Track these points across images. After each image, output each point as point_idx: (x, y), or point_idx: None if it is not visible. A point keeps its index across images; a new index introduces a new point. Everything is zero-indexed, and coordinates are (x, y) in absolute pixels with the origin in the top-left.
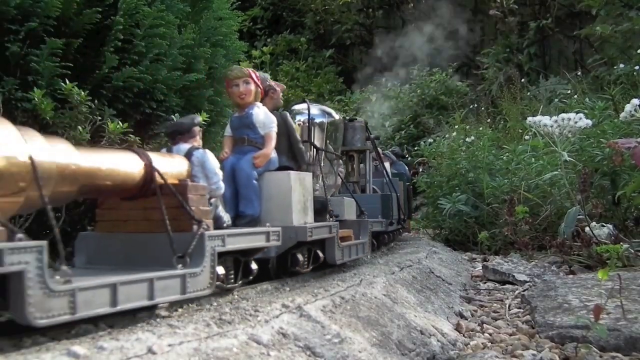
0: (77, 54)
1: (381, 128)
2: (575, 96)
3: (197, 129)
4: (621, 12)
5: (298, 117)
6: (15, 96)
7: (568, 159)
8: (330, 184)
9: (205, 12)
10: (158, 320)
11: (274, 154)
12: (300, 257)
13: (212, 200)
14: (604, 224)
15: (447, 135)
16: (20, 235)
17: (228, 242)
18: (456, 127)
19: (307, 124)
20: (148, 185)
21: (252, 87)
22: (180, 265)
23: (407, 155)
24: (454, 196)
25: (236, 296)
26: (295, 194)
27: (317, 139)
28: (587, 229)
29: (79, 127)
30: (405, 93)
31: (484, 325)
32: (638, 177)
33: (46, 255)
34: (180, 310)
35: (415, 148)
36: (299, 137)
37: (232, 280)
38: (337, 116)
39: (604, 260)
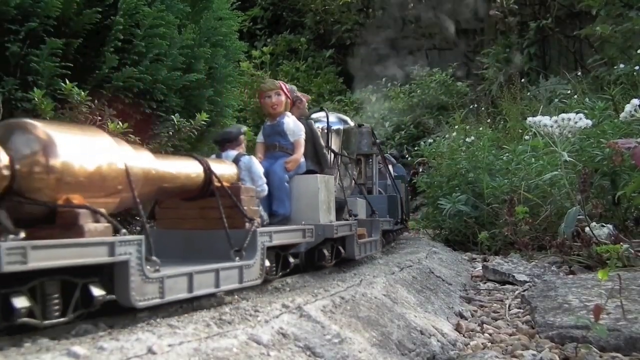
0: (77, 54)
1: (381, 128)
2: (575, 96)
3: (242, 137)
4: (621, 12)
5: (317, 125)
6: (15, 96)
7: (568, 159)
8: (346, 186)
9: (205, 12)
10: (158, 320)
11: (302, 159)
12: (326, 252)
13: (256, 201)
14: (604, 224)
15: (447, 136)
16: (124, 230)
17: (274, 238)
18: (456, 127)
19: (326, 131)
20: (207, 188)
21: (283, 98)
22: (237, 258)
23: (407, 156)
24: (454, 196)
25: (236, 296)
26: (322, 195)
27: (334, 145)
28: (587, 229)
29: None
30: (405, 93)
31: (484, 325)
32: (638, 177)
33: (144, 247)
34: (180, 310)
35: (415, 148)
36: (322, 143)
37: (274, 272)
38: (351, 123)
39: (604, 261)
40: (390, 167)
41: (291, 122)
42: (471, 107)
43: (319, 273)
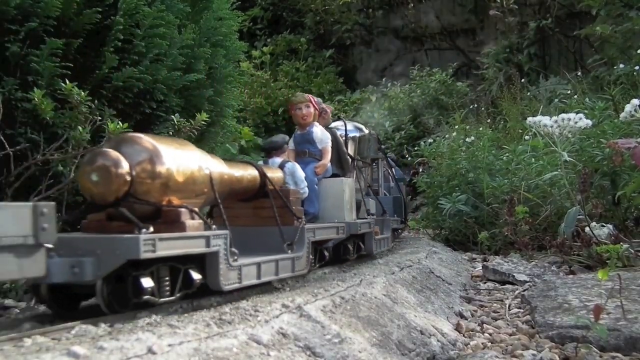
0: (77, 54)
1: (381, 128)
2: (575, 96)
3: (286, 146)
4: (621, 12)
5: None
6: (15, 96)
7: (568, 159)
8: (362, 188)
9: (205, 12)
10: (158, 320)
11: (329, 164)
12: (350, 247)
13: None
14: (604, 224)
15: (447, 136)
16: (214, 226)
17: (316, 234)
18: (456, 127)
19: (344, 139)
20: (262, 190)
21: (312, 110)
22: (289, 251)
23: (407, 156)
24: (454, 196)
25: (236, 296)
26: (346, 196)
27: (351, 150)
28: (587, 229)
29: (79, 127)
30: (405, 93)
31: (484, 325)
32: (638, 177)
33: (229, 240)
34: (180, 310)
35: (415, 148)
36: (345, 150)
37: (313, 264)
38: (366, 131)
39: (604, 260)
40: (392, 170)
41: (319, 132)
42: (471, 107)
43: (319, 273)
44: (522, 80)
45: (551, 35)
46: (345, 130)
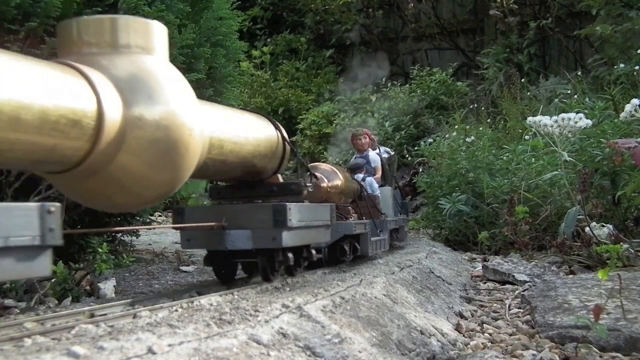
0: None
1: (381, 128)
2: (575, 96)
3: (364, 167)
4: (621, 12)
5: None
6: None
7: (568, 159)
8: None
9: (205, 12)
10: (158, 320)
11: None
12: (394, 235)
13: None
14: (604, 224)
15: (447, 135)
16: (363, 217)
17: (391, 225)
18: (456, 127)
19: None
20: (360, 195)
21: (367, 140)
22: (380, 235)
23: (406, 156)
24: (454, 196)
25: (236, 296)
26: (391, 200)
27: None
28: (587, 229)
29: None
30: (405, 93)
31: (484, 325)
32: (638, 177)
33: (369, 225)
34: (180, 310)
35: (415, 148)
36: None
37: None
38: (392, 153)
39: (604, 260)
40: None
41: (372, 155)
42: (471, 107)
43: (319, 273)
44: (522, 80)
45: (551, 35)
46: (380, 153)
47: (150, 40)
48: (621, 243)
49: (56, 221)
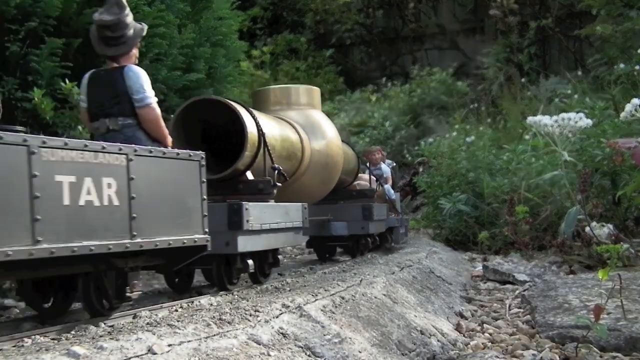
0: (77, 54)
1: (381, 128)
2: (576, 96)
3: (384, 177)
4: (621, 12)
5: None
6: (15, 96)
7: (568, 158)
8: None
9: (205, 12)
10: (158, 320)
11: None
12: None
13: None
14: (604, 224)
15: (447, 135)
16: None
17: (404, 221)
18: (456, 127)
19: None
20: (384, 199)
21: (380, 155)
22: (402, 229)
23: (406, 155)
24: (454, 196)
25: (236, 296)
26: (400, 203)
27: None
28: (587, 229)
29: (79, 127)
30: (405, 93)
31: (484, 325)
32: (638, 177)
33: (401, 221)
34: (180, 310)
35: (415, 148)
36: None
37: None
38: (394, 163)
39: (604, 260)
40: None
41: (384, 167)
42: (471, 106)
43: (319, 273)
44: (522, 80)
45: (551, 35)
46: (386, 163)
47: (313, 99)
48: (621, 243)
49: (307, 213)
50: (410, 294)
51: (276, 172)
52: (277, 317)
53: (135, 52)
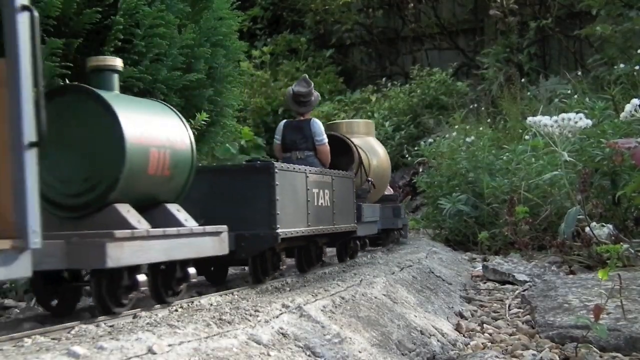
0: (77, 54)
1: (381, 128)
2: (576, 96)
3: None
4: (621, 12)
5: None
6: None
7: (568, 159)
8: None
9: (205, 12)
10: (158, 320)
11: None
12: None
13: None
14: (604, 224)
15: (447, 135)
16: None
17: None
18: (456, 127)
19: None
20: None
21: None
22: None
23: (406, 155)
24: (454, 196)
25: (236, 296)
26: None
27: None
28: (587, 229)
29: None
30: (405, 93)
31: (484, 325)
32: (638, 177)
33: (407, 222)
34: (180, 310)
35: (415, 148)
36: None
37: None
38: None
39: (604, 260)
40: None
41: None
42: (471, 107)
43: (319, 273)
44: (522, 80)
45: (551, 35)
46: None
47: (369, 129)
48: (621, 243)
49: (380, 212)
50: (410, 294)
51: (370, 183)
52: (277, 317)
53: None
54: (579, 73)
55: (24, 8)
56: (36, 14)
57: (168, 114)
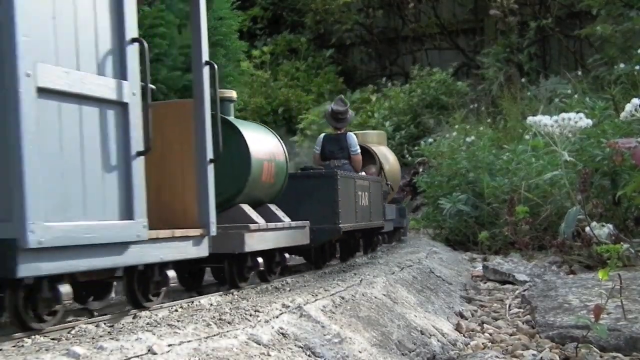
0: None
1: (381, 128)
2: (576, 96)
3: None
4: (621, 12)
5: None
6: None
7: (568, 158)
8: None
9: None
10: (158, 320)
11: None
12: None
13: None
14: (604, 223)
15: (447, 135)
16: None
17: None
18: (456, 127)
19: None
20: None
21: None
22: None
23: (406, 155)
24: (454, 196)
25: (236, 296)
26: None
27: None
28: (587, 229)
29: None
30: (405, 93)
31: (484, 325)
32: (638, 177)
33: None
34: (180, 310)
35: (416, 148)
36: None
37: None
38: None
39: (604, 260)
40: None
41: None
42: (471, 106)
43: (319, 273)
44: (522, 80)
45: (551, 35)
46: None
47: (380, 139)
48: (621, 243)
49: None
50: (410, 294)
51: (389, 186)
52: (277, 317)
53: None
54: (579, 73)
55: (207, 63)
56: (216, 66)
57: (268, 133)
